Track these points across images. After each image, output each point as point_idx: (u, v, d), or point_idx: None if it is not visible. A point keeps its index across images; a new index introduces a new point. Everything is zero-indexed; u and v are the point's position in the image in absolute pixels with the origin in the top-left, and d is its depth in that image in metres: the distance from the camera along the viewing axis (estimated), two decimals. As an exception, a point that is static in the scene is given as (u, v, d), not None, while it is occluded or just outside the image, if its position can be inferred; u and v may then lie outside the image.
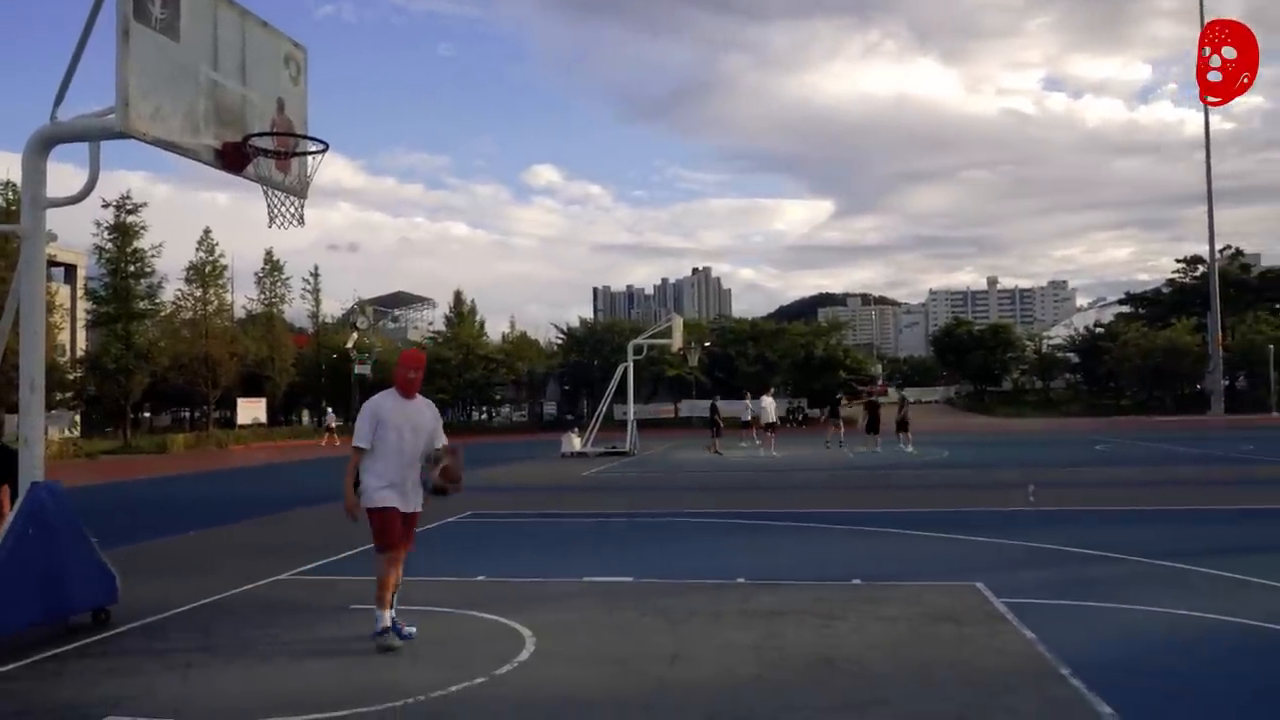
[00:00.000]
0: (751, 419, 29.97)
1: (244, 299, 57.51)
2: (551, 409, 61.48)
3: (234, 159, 6.51)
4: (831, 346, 60.31)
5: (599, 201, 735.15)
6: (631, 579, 8.07)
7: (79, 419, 47.72)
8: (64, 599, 6.49)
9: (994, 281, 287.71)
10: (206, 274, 48.21)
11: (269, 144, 6.76)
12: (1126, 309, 75.75)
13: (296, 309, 59.48)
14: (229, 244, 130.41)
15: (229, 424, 49.89)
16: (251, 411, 49.40)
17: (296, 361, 55.36)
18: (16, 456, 6.65)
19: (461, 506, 14.35)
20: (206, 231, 49.09)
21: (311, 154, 7.09)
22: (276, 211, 6.96)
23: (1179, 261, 72.67)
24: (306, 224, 7.29)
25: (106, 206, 42.23)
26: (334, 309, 67.47)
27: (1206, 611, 6.40)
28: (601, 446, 29.17)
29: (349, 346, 53.75)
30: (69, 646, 6.13)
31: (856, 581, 7.73)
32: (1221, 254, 64.34)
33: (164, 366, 44.70)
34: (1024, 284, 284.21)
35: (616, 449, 29.01)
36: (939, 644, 5.75)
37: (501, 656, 5.62)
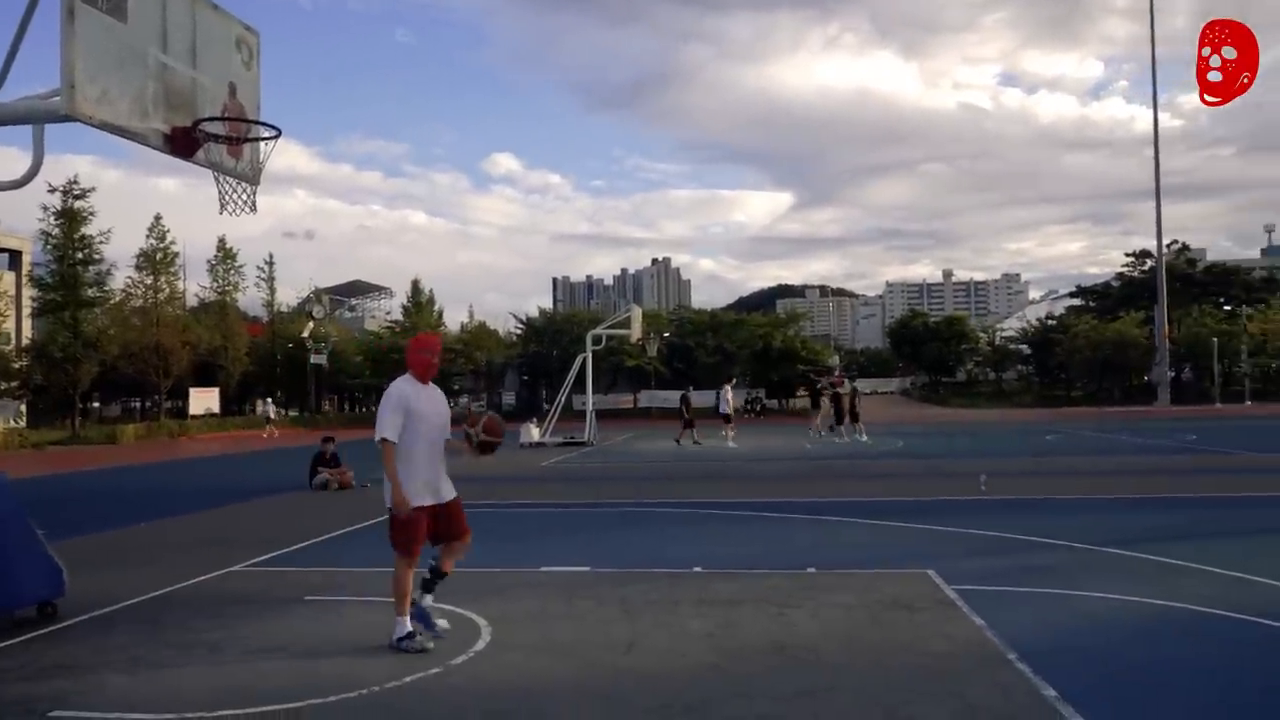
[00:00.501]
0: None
1: (196, 287, 56.60)
2: (510, 399, 61.24)
3: (184, 144, 6.38)
4: (789, 338, 60.81)
5: (559, 191, 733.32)
6: (589, 569, 8.09)
7: (24, 409, 46.66)
8: (8, 592, 6.35)
9: (949, 274, 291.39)
10: (157, 261, 47.29)
11: (220, 129, 6.63)
12: (1077, 302, 77.20)
13: (251, 297, 58.65)
14: (181, 231, 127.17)
15: (181, 414, 49.05)
16: (204, 401, 48.60)
17: (250, 351, 54.54)
18: None
19: (418, 497, 14.28)
20: (157, 218, 48.13)
21: (264, 140, 6.97)
22: (228, 198, 6.84)
23: (1128, 255, 74.22)
24: (261, 211, 7.18)
25: (53, 191, 41.33)
26: (289, 297, 66.68)
27: (1148, 596, 6.57)
28: (560, 437, 29.14)
29: (305, 336, 53.11)
30: (13, 641, 6.01)
31: (811, 570, 7.82)
32: (1169, 249, 65.81)
33: (113, 355, 43.82)
34: (978, 277, 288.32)
35: (575, 439, 29.00)
36: (891, 630, 5.84)
37: (457, 647, 5.62)
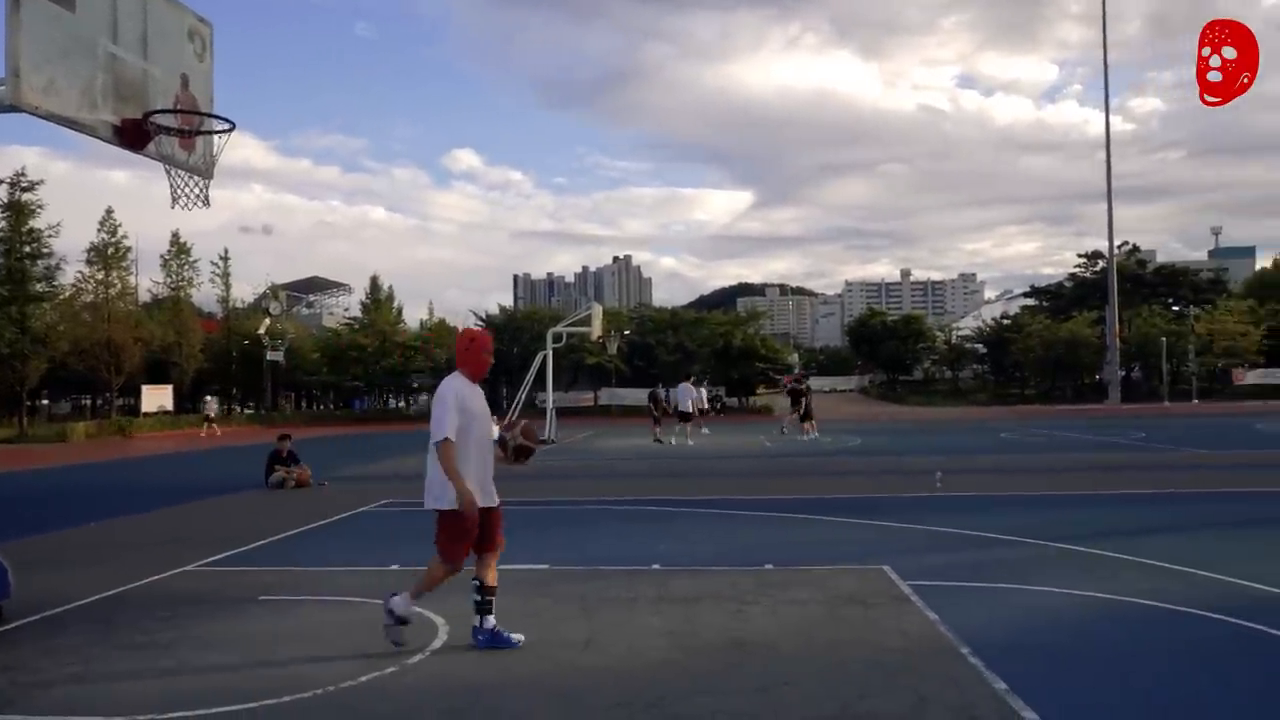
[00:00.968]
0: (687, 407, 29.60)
1: (149, 282, 55.60)
2: (470, 397, 60.74)
3: (134, 136, 6.28)
4: (750, 336, 61.08)
5: (520, 188, 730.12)
6: (547, 566, 8.08)
7: (-31, 407, 45.51)
8: (-49, 594, 6.21)
9: (907, 273, 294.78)
10: (109, 256, 46.34)
11: (172, 121, 6.54)
12: (1031, 302, 78.44)
13: (205, 293, 57.71)
14: (133, 225, 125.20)
15: (133, 412, 48.14)
16: (157, 399, 47.69)
17: (205, 347, 53.69)
18: None
19: (376, 495, 14.15)
20: (109, 211, 47.16)
21: (217, 133, 6.89)
22: (180, 191, 6.75)
23: (1081, 256, 75.57)
24: (215, 205, 7.10)
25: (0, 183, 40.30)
26: (246, 293, 65.56)
27: (1095, 591, 6.72)
28: (520, 435, 28.98)
29: (261, 332, 52.36)
30: (-44, 643, 5.88)
31: (769, 566, 7.88)
32: (1120, 250, 67.11)
33: (63, 352, 42.89)
34: (936, 276, 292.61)
35: (535, 437, 28.84)
36: (847, 626, 5.91)
37: (414, 645, 5.59)
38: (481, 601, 5.60)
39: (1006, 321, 71.20)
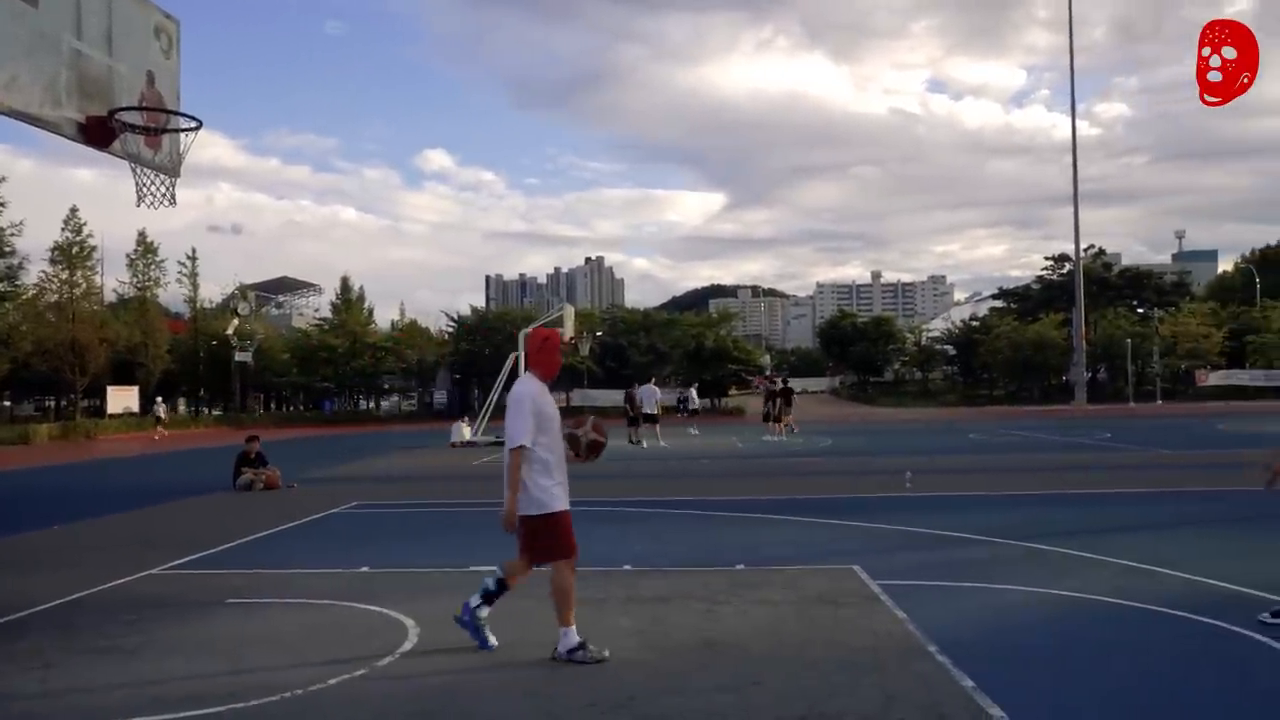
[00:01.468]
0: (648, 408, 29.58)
1: (115, 282, 54.90)
2: (442, 398, 60.59)
3: (99, 134, 6.20)
4: (721, 337, 61.31)
5: (492, 188, 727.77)
6: (518, 568, 8.05)
7: (-71, 407, 44.70)
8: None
9: (878, 275, 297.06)
10: (73, 255, 45.76)
11: (137, 119, 6.46)
12: (999, 304, 79.32)
13: (172, 293, 57.11)
14: (99, 224, 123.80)
15: (98, 413, 47.47)
16: (123, 400, 47.07)
17: (172, 348, 53.07)
18: None
19: (346, 497, 14.04)
20: (73, 210, 46.66)
21: (184, 131, 6.80)
22: (146, 190, 6.66)
23: (1048, 259, 76.54)
24: (183, 204, 7.02)
25: (-40, 181, 39.60)
26: (214, 293, 64.91)
27: (1062, 589, 6.80)
28: (492, 436, 28.91)
29: (229, 333, 51.83)
30: (-86, 648, 5.76)
31: (740, 567, 7.90)
32: (1086, 253, 67.97)
33: (26, 353, 42.28)
34: (906, 278, 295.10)
35: (507, 438, 28.79)
36: (816, 625, 5.94)
37: (383, 648, 5.55)
38: (493, 591, 5.48)
39: (975, 323, 71.99)
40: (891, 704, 4.43)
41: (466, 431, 28.40)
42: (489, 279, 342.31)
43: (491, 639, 5.52)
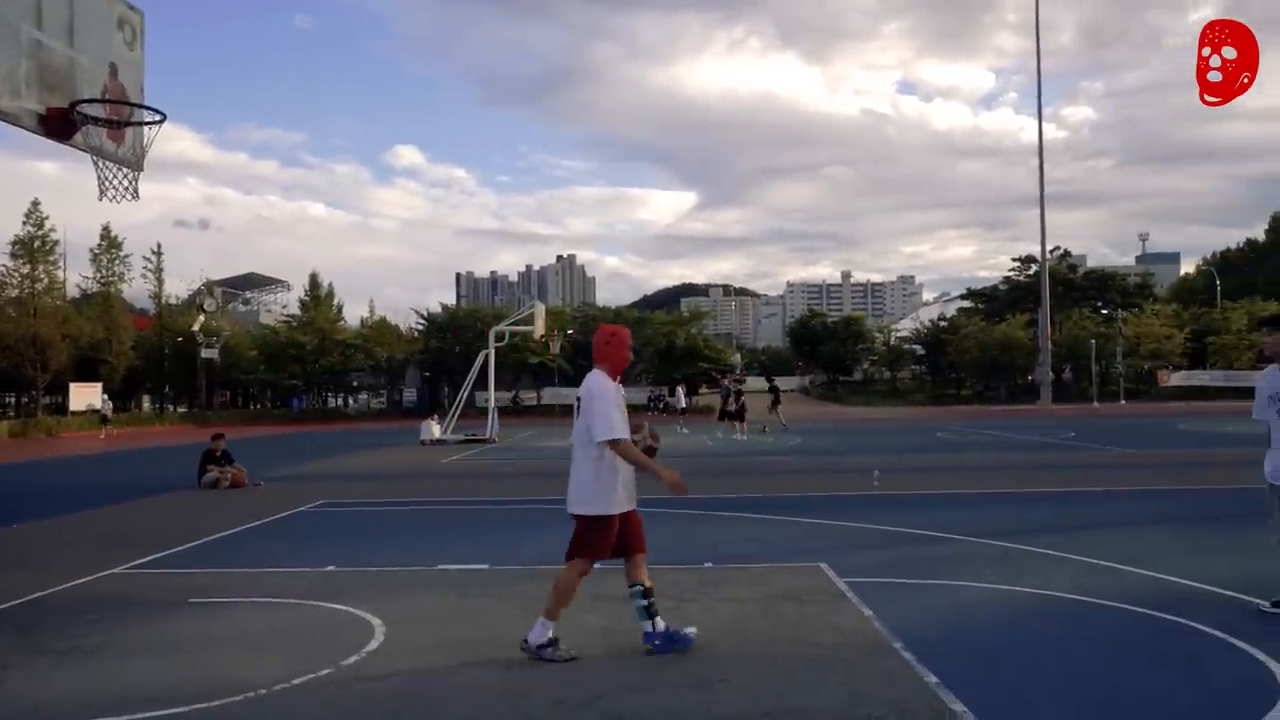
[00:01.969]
0: None
1: (78, 277, 53.94)
2: (412, 396, 60.24)
3: (59, 126, 6.10)
4: (692, 336, 61.43)
5: (463, 185, 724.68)
6: (487, 566, 8.04)
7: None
8: None
9: (848, 275, 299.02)
10: (35, 249, 44.99)
11: (100, 111, 6.36)
12: (967, 304, 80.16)
13: (137, 289, 56.30)
14: (61, 217, 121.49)
15: (61, 410, 46.70)
16: (86, 397, 46.29)
17: (137, 344, 52.32)
18: None
19: (313, 495, 13.93)
20: (35, 203, 45.89)
21: (147, 124, 6.71)
22: (108, 184, 6.56)
23: (1015, 260, 77.44)
24: (149, 199, 6.93)
25: (-83, 173, 38.91)
26: (180, 289, 64.07)
27: (1024, 586, 6.88)
28: (461, 434, 28.83)
29: (195, 329, 51.19)
30: None
31: (708, 565, 7.93)
32: (1052, 254, 68.85)
33: (-15, 348, 41.51)
34: (876, 278, 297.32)
35: (476, 436, 28.73)
36: (782, 622, 5.97)
37: (349, 647, 5.51)
38: (647, 605, 5.36)
39: (943, 323, 72.65)
40: (856, 700, 4.47)
41: (436, 429, 28.27)
42: (459, 276, 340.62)
43: (688, 630, 5.43)
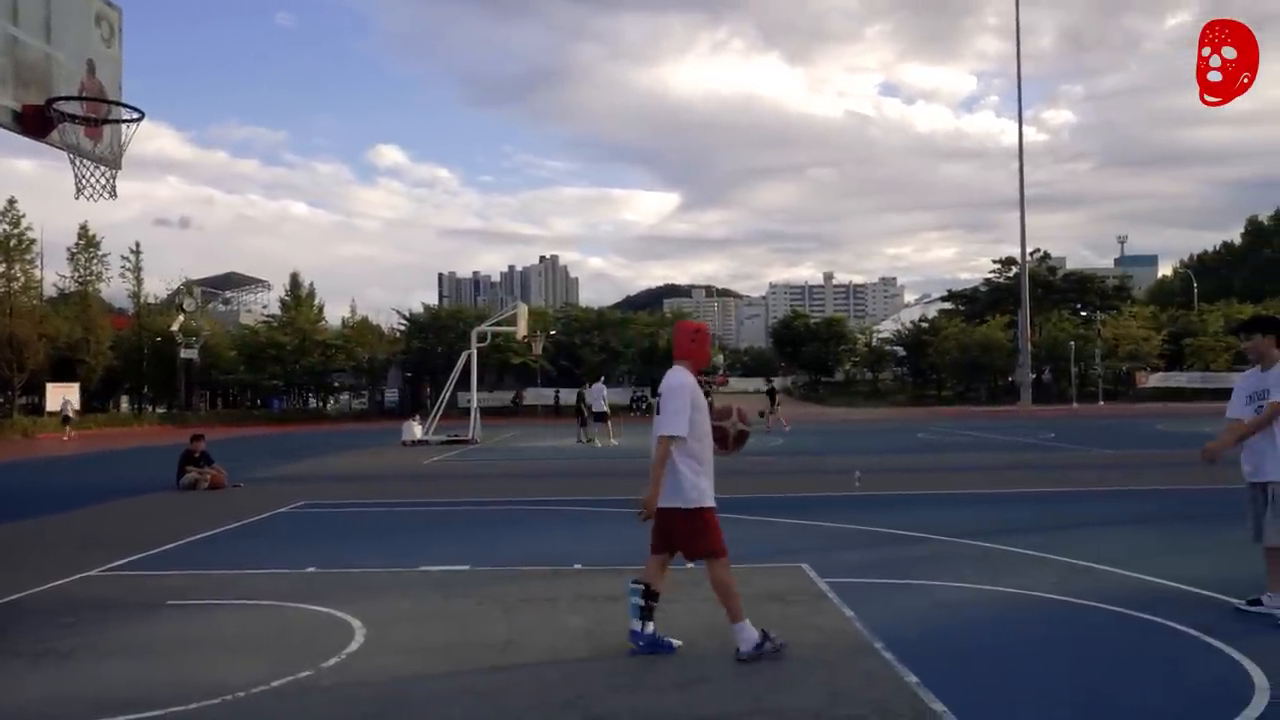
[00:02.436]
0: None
1: (55, 276, 53.44)
2: (393, 396, 59.99)
3: (35, 123, 6.03)
4: (675, 337, 61.34)
5: (446, 185, 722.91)
6: (468, 567, 8.01)
7: None
8: None
9: (830, 276, 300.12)
10: (11, 248, 44.56)
11: (77, 109, 6.30)
12: (948, 306, 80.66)
13: (116, 288, 55.80)
14: (38, 216, 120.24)
15: (37, 411, 46.23)
16: (62, 397, 45.88)
17: (115, 344, 51.87)
18: None
19: (293, 496, 13.84)
20: (11, 201, 45.45)
21: (125, 122, 6.65)
22: (85, 182, 6.50)
23: (995, 262, 77.92)
24: (129, 197, 6.89)
25: (-109, 171, 38.39)
26: (159, 289, 63.59)
27: (1003, 585, 6.92)
28: (443, 435, 28.73)
29: (174, 329, 50.78)
30: None
31: (690, 565, 7.90)
32: (1032, 257, 69.37)
33: (-40, 348, 41.04)
34: (858, 280, 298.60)
35: (458, 437, 28.64)
36: (764, 623, 5.93)
37: (329, 649, 5.47)
38: (645, 606, 5.34)
39: (925, 325, 73.06)
40: (836, 700, 4.48)
41: (418, 430, 28.16)
42: (442, 276, 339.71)
43: (673, 641, 5.39)
